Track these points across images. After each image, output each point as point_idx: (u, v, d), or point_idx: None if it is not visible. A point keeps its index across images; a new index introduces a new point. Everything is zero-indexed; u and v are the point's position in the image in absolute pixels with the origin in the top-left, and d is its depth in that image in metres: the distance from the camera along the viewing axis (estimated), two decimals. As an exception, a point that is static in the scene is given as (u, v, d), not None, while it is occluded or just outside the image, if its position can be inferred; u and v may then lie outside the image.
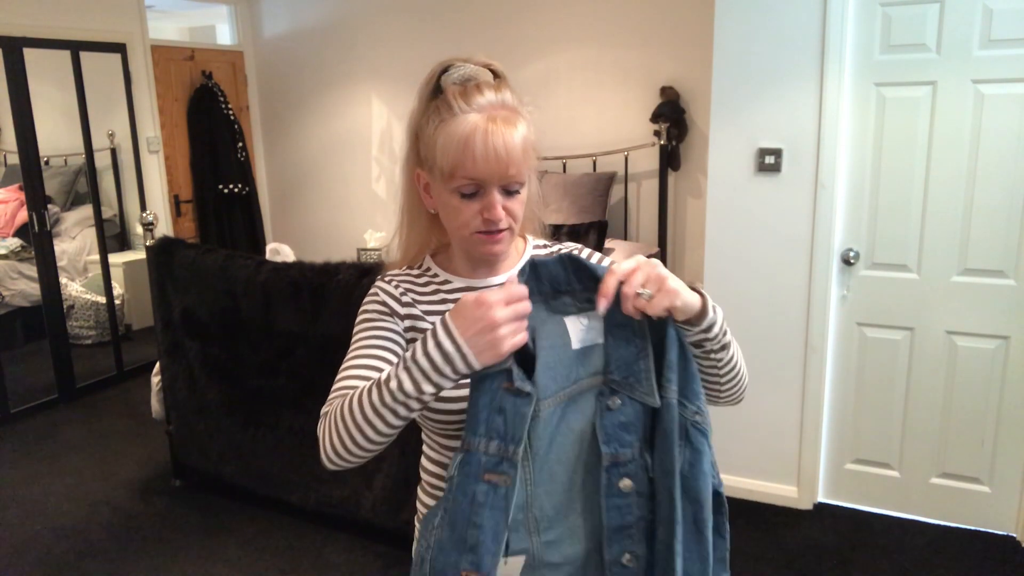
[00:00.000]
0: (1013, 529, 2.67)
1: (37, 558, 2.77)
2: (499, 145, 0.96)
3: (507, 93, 1.01)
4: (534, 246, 1.16)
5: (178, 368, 3.10)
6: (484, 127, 0.96)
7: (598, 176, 4.22)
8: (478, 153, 0.96)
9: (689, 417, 0.91)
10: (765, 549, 2.67)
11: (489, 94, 0.99)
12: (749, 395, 3.17)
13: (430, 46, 4.83)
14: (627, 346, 0.91)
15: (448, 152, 0.98)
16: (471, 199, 1.00)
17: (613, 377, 0.92)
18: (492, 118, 0.97)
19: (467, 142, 0.96)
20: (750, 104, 2.74)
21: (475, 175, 0.98)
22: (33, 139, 4.04)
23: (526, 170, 1.01)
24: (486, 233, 1.02)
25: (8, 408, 4.00)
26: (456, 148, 0.97)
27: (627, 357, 0.91)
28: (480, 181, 0.98)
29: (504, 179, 0.99)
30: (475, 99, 0.98)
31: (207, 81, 5.19)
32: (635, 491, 0.93)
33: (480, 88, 0.99)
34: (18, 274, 4.32)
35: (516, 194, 1.02)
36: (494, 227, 1.01)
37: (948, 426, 2.71)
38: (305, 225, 5.71)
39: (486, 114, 0.97)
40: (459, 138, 0.97)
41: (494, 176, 0.98)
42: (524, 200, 1.04)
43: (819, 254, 2.72)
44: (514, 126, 0.98)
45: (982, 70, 2.44)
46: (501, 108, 0.99)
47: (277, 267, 2.78)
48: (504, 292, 0.86)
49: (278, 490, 2.93)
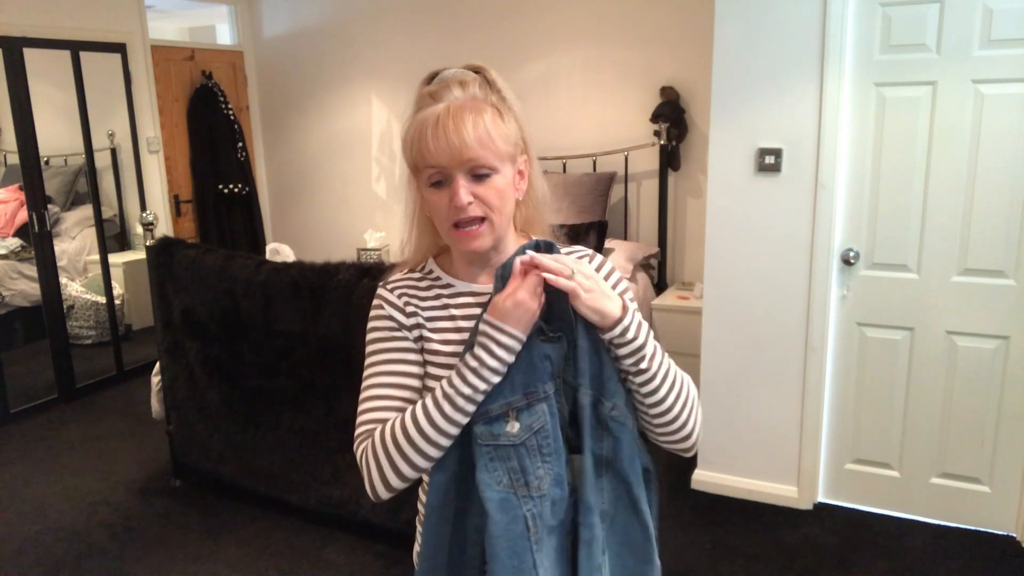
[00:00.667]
0: (1013, 529, 2.67)
1: (37, 558, 2.77)
2: (449, 129, 0.98)
3: (475, 88, 1.03)
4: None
5: (178, 368, 3.10)
6: (438, 115, 1.00)
7: (598, 176, 4.22)
8: (430, 139, 0.99)
9: (607, 413, 1.01)
10: (765, 549, 2.67)
11: (456, 90, 1.02)
12: (749, 395, 3.14)
13: (430, 46, 4.83)
14: (557, 319, 1.02)
15: (410, 143, 1.03)
16: (439, 189, 1.02)
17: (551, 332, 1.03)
18: (447, 107, 1.00)
19: (422, 130, 1.00)
20: (750, 104, 2.74)
21: (434, 162, 1.00)
22: (33, 139, 4.04)
23: (492, 156, 1.01)
24: (457, 227, 1.03)
25: (8, 408, 4.00)
26: (416, 138, 1.01)
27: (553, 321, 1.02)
28: (441, 168, 1.01)
29: (463, 164, 1.00)
30: (442, 95, 1.02)
31: (207, 81, 5.19)
32: (622, 434, 1.03)
33: (449, 86, 1.03)
34: (18, 274, 4.32)
35: (486, 179, 1.02)
36: (464, 215, 1.01)
37: (948, 426, 2.71)
38: (305, 225, 5.71)
39: (447, 104, 1.01)
40: (417, 127, 1.01)
41: (451, 162, 1.00)
42: (500, 188, 1.03)
43: (819, 254, 2.72)
44: (474, 112, 1.00)
45: (982, 70, 2.44)
46: (467, 100, 1.02)
47: (277, 267, 2.78)
48: (524, 284, 0.98)
49: (278, 490, 2.93)
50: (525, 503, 0.98)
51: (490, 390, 0.99)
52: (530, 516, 0.98)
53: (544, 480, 0.99)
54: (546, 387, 1.00)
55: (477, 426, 1.00)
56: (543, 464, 0.99)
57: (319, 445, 2.75)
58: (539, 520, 0.99)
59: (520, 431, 0.99)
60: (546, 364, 1.00)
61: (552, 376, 1.00)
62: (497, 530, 0.97)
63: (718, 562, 2.60)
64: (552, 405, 1.00)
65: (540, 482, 0.99)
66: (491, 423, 0.99)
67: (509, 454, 0.99)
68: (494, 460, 0.99)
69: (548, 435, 0.99)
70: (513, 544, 0.97)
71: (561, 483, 1.00)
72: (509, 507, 0.98)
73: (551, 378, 1.00)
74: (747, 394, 2.94)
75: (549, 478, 0.99)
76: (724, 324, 2.94)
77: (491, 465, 0.99)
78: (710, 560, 2.61)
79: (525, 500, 0.98)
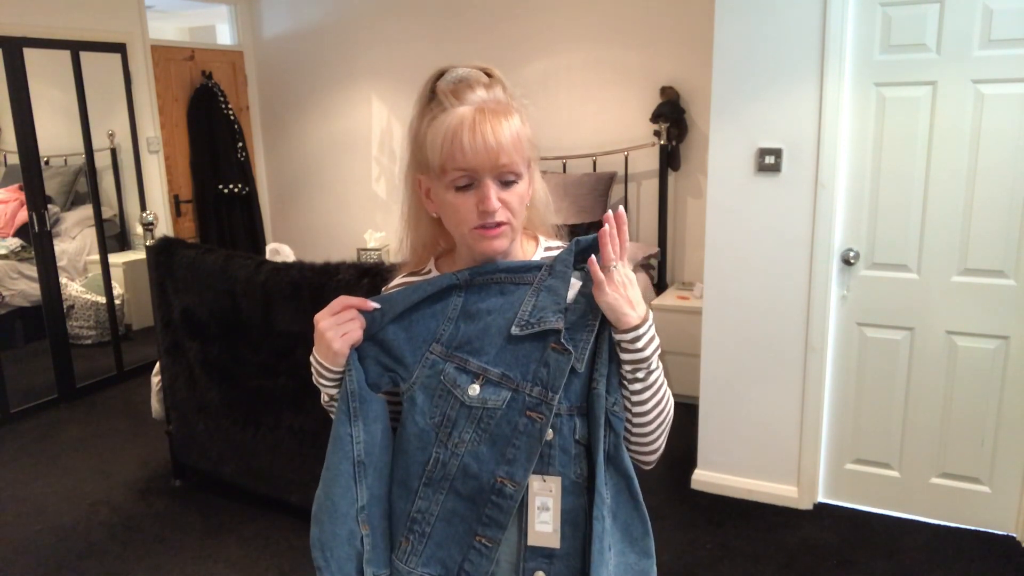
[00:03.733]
0: (1013, 529, 2.67)
1: (37, 558, 2.77)
2: (487, 133, 0.97)
3: (499, 90, 1.02)
4: (546, 248, 1.16)
5: (178, 368, 3.10)
6: (472, 117, 0.98)
7: (598, 176, 4.22)
8: (466, 142, 0.97)
9: (609, 407, 1.03)
10: (765, 549, 2.67)
11: (480, 91, 1.01)
12: (749, 395, 3.15)
13: (430, 46, 4.84)
14: (581, 315, 1.04)
15: (438, 145, 0.99)
16: (466, 192, 1.01)
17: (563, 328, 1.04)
18: (481, 110, 0.99)
19: (456, 132, 0.98)
20: (750, 104, 2.74)
21: (466, 165, 0.99)
22: (33, 139, 4.04)
23: (520, 161, 1.01)
24: (484, 228, 1.02)
25: (8, 408, 4.00)
26: (446, 139, 0.99)
27: (577, 322, 1.03)
28: (472, 171, 0.99)
29: (496, 168, 0.99)
30: (466, 95, 1.00)
31: (207, 81, 5.19)
32: (558, 445, 1.02)
33: (471, 86, 1.01)
34: (18, 274, 4.32)
35: (512, 185, 1.02)
36: (490, 220, 1.01)
37: (948, 426, 2.71)
38: (305, 225, 5.71)
39: (475, 107, 0.99)
40: (448, 129, 0.99)
41: (485, 165, 0.99)
42: (522, 194, 1.04)
43: (819, 254, 2.72)
44: (505, 117, 1.00)
45: (982, 70, 2.44)
46: (491, 102, 1.01)
47: (277, 267, 2.78)
48: (328, 307, 1.04)
49: (278, 490, 2.93)
50: (436, 447, 1.03)
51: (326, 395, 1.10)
52: (431, 460, 1.03)
53: (462, 447, 1.02)
54: (521, 383, 1.02)
55: (448, 366, 1.03)
56: (473, 434, 1.02)
57: (319, 445, 2.75)
58: (435, 467, 1.03)
59: (475, 397, 1.02)
60: (534, 366, 1.02)
61: (534, 380, 1.01)
62: (399, 442, 1.07)
63: (718, 562, 2.60)
64: (519, 402, 1.01)
65: (458, 445, 1.02)
66: (462, 372, 1.03)
67: (455, 405, 1.02)
68: (442, 398, 1.03)
69: (495, 419, 1.01)
70: (388, 454, 1.07)
71: (483, 469, 1.01)
72: (424, 438, 1.04)
73: (534, 383, 1.01)
74: (747, 394, 2.94)
75: (469, 451, 1.02)
76: (724, 324, 2.94)
77: (437, 401, 1.03)
78: (710, 560, 2.61)
79: (438, 446, 1.03)
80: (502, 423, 1.01)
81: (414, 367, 1.05)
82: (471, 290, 1.07)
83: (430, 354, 1.05)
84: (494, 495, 1.01)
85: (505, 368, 1.02)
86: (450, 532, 1.03)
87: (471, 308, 1.06)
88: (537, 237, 1.17)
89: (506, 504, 1.01)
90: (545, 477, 1.02)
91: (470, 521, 1.02)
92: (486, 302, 1.05)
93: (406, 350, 1.05)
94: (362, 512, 1.05)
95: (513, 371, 1.02)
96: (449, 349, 1.04)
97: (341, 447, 1.04)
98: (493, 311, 1.05)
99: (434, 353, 1.04)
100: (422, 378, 1.04)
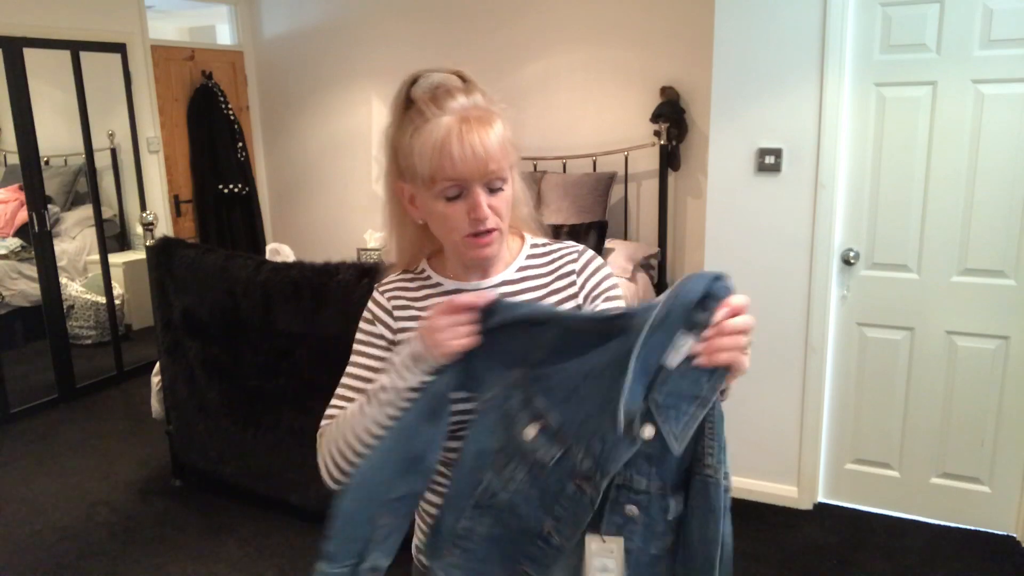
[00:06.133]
0: (1013, 529, 2.67)
1: (37, 558, 2.77)
2: (475, 143, 0.97)
3: (477, 96, 1.02)
4: (532, 244, 1.16)
5: (178, 368, 3.10)
6: (458, 128, 0.97)
7: (598, 176, 4.22)
8: (455, 153, 0.97)
9: (723, 482, 0.92)
10: (765, 549, 2.67)
11: (460, 97, 1.00)
12: (749, 395, 3.14)
13: (430, 46, 4.83)
14: (690, 383, 0.86)
15: (426, 157, 0.99)
16: (456, 201, 1.01)
17: (655, 397, 0.86)
18: (465, 119, 0.98)
19: (443, 144, 0.97)
20: (750, 104, 2.74)
21: (456, 176, 0.98)
22: (33, 139, 4.04)
23: (507, 166, 1.02)
24: (475, 235, 1.02)
25: (8, 408, 4.00)
26: (433, 151, 0.98)
27: (683, 392, 0.86)
28: (462, 181, 0.99)
29: (485, 176, 0.99)
30: (446, 103, 0.99)
31: (207, 81, 5.19)
32: (643, 523, 0.93)
33: (450, 92, 1.00)
34: (18, 274, 4.32)
35: (500, 191, 1.02)
36: (482, 227, 1.01)
37: (948, 426, 2.71)
38: (305, 225, 5.71)
39: (458, 115, 0.99)
40: (435, 141, 0.98)
41: (475, 174, 0.99)
42: (509, 198, 1.04)
43: (819, 254, 2.72)
44: (489, 124, 0.99)
45: (982, 70, 2.44)
46: (473, 109, 1.00)
47: (277, 267, 2.78)
48: (446, 302, 0.97)
49: (278, 490, 2.93)
50: (490, 473, 0.97)
51: (401, 389, 0.98)
52: (483, 484, 0.97)
53: (512, 484, 0.95)
54: (574, 447, 0.91)
55: (516, 396, 0.96)
56: (526, 475, 0.95)
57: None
58: (485, 494, 0.97)
59: (529, 443, 0.94)
60: (591, 428, 0.90)
61: (587, 449, 0.90)
62: (459, 454, 1.00)
63: (718, 562, 2.60)
64: (567, 465, 0.92)
65: (509, 481, 0.95)
66: (525, 408, 0.95)
67: (512, 440, 0.96)
68: (504, 428, 0.97)
69: (546, 471, 0.93)
70: (437, 461, 1.01)
71: (530, 513, 0.95)
72: (482, 460, 0.98)
73: (586, 453, 0.90)
74: (747, 394, 2.94)
75: (519, 491, 0.95)
76: (724, 324, 2.93)
77: (498, 429, 0.97)
78: (710, 560, 2.61)
79: (493, 473, 0.97)
80: (551, 479, 0.93)
81: (491, 386, 0.99)
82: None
83: (509, 376, 0.97)
84: (540, 540, 0.95)
85: (565, 419, 0.92)
86: (495, 553, 0.99)
87: (571, 340, 0.94)
88: (523, 235, 1.17)
89: (551, 552, 0.95)
90: (605, 538, 0.93)
91: (514, 554, 0.98)
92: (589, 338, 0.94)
93: (488, 367, 0.99)
94: (393, 503, 1.00)
95: (571, 426, 0.92)
96: (528, 376, 0.96)
97: (405, 436, 0.99)
98: (588, 347, 0.93)
99: (512, 377, 0.97)
100: (494, 400, 0.98)
